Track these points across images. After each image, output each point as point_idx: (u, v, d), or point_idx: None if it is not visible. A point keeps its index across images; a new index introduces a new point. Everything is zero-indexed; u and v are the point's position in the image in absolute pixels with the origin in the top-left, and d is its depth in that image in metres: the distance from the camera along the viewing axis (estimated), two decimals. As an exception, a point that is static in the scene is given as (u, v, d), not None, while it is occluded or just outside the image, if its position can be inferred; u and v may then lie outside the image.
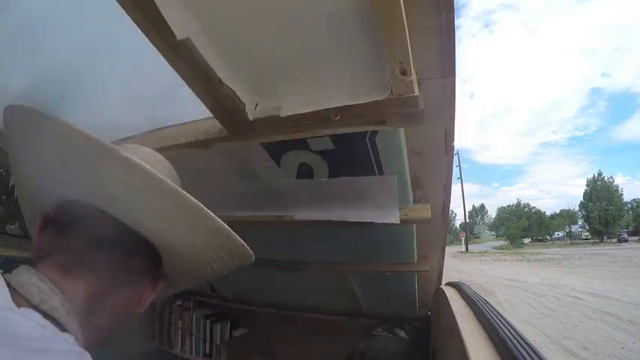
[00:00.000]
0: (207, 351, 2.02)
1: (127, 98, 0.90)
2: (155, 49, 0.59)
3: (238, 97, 0.67)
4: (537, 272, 14.36)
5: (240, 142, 0.80)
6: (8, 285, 0.37)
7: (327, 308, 1.91)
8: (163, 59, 0.60)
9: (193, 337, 2.05)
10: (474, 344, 0.50)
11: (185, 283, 0.58)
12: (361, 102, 0.60)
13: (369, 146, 0.78)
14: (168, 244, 0.48)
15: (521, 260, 20.96)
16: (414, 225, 1.05)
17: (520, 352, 0.40)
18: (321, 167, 0.89)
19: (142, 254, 0.47)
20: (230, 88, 0.65)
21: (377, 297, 1.71)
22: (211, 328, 2.04)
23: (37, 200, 0.49)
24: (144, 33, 0.56)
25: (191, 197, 0.47)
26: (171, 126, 0.92)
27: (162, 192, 0.44)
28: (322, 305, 1.91)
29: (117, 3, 0.51)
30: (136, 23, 0.54)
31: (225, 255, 0.53)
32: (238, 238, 0.53)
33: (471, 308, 0.78)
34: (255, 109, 0.71)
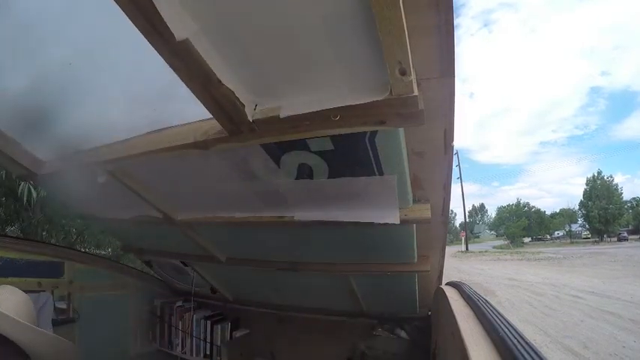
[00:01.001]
0: (208, 352, 2.02)
1: (127, 98, 0.90)
2: (155, 50, 0.59)
3: (238, 98, 0.67)
4: (537, 271, 14.35)
5: (239, 142, 0.80)
6: None
7: (328, 308, 1.91)
8: (163, 60, 0.60)
9: (194, 338, 2.05)
10: (474, 344, 0.50)
11: None
12: (361, 102, 0.60)
13: (369, 146, 0.78)
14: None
15: (522, 259, 20.94)
16: (414, 225, 1.05)
17: (520, 352, 0.40)
18: (321, 168, 0.89)
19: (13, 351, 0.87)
20: (229, 89, 0.65)
21: (377, 297, 1.71)
22: (212, 329, 2.04)
23: None
24: (143, 34, 0.56)
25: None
26: (171, 127, 0.92)
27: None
28: (322, 305, 1.91)
29: (116, 4, 0.51)
30: (135, 24, 0.54)
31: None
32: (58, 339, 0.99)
33: (471, 308, 0.78)
34: (255, 109, 0.71)
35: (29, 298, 1.02)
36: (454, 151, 0.85)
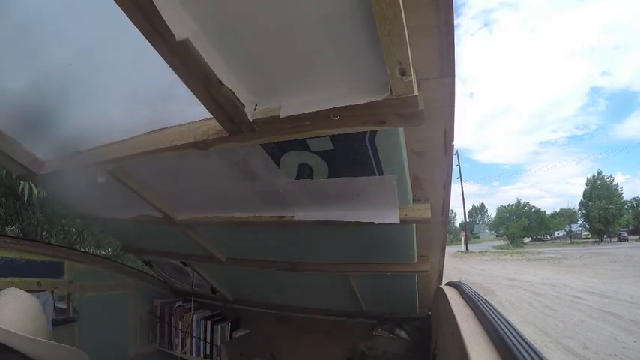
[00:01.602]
0: (208, 352, 2.02)
1: (127, 98, 0.90)
2: (155, 50, 0.59)
3: (238, 98, 0.67)
4: (537, 271, 14.35)
5: (239, 142, 0.80)
6: None
7: (328, 308, 1.91)
8: (163, 60, 0.60)
9: (194, 338, 2.05)
10: (474, 344, 0.50)
11: None
12: (361, 102, 0.60)
13: (369, 146, 0.78)
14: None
15: (521, 259, 20.94)
16: (414, 225, 1.05)
17: (520, 352, 0.40)
18: (321, 168, 0.89)
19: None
20: (229, 89, 0.65)
21: (377, 297, 1.71)
22: (212, 329, 2.04)
23: None
24: (143, 34, 0.56)
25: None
26: (170, 127, 0.92)
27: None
28: (322, 305, 1.91)
29: (116, 4, 0.51)
30: (135, 24, 0.54)
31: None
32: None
33: (471, 308, 0.78)
34: (255, 109, 0.71)
35: (35, 299, 0.98)
36: (454, 151, 0.85)
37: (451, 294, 1.01)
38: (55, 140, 1.14)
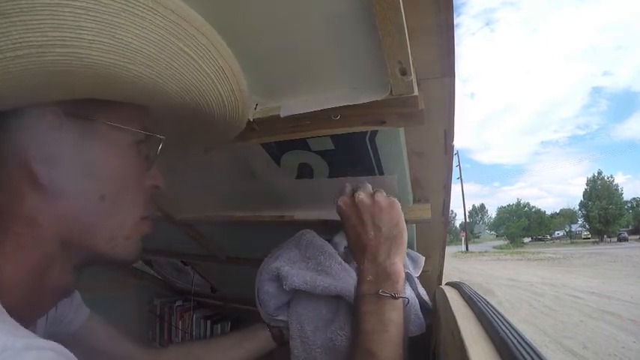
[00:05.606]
0: (208, 351, 2.02)
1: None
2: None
3: (238, 98, 0.67)
4: (537, 272, 14.36)
5: (239, 142, 0.80)
6: None
7: (328, 308, 1.91)
8: (163, 60, 0.60)
9: (194, 338, 2.05)
10: (474, 344, 0.50)
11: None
12: (361, 102, 0.60)
13: (369, 146, 0.78)
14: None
15: (521, 260, 20.95)
16: (414, 225, 1.05)
17: (520, 352, 0.40)
18: (322, 167, 0.89)
19: None
20: (230, 89, 0.64)
21: (377, 297, 1.71)
22: (212, 328, 2.04)
23: None
24: (143, 33, 0.55)
25: None
26: (171, 126, 0.92)
27: None
28: (322, 305, 1.91)
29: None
30: (135, 24, 0.54)
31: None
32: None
33: (471, 308, 0.78)
34: (255, 109, 0.71)
35: None
36: (454, 151, 0.85)
37: (451, 294, 1.00)
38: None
